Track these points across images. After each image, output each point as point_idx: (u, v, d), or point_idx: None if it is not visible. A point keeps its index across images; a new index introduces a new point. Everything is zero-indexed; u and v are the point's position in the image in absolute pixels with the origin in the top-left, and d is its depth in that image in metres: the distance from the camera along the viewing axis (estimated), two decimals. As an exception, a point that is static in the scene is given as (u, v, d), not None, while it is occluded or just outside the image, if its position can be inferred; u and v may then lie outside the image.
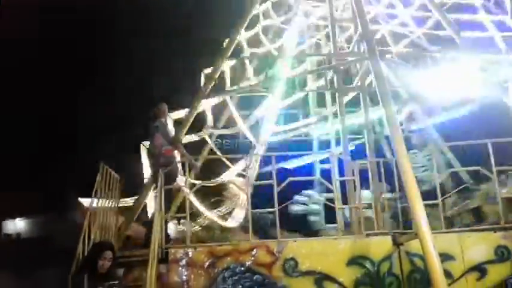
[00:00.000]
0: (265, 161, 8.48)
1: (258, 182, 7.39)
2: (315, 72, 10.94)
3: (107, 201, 7.38)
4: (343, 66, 9.57)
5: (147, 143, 8.38)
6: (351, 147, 9.35)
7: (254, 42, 10.94)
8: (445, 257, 6.83)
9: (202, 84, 9.66)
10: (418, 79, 8.94)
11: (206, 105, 9.74)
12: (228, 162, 9.09)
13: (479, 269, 7.06)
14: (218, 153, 9.71)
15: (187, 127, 9.14)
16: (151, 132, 7.93)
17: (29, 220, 13.20)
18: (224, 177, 8.87)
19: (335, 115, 10.03)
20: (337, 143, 9.75)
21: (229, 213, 8.91)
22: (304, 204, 10.34)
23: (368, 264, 6.99)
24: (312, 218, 10.43)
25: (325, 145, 11.26)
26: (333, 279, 6.91)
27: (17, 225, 13.41)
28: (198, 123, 9.64)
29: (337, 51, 9.74)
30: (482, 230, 7.39)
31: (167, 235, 7.34)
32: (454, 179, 8.83)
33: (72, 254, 6.24)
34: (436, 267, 5.91)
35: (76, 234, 6.49)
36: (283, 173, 8.10)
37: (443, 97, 8.31)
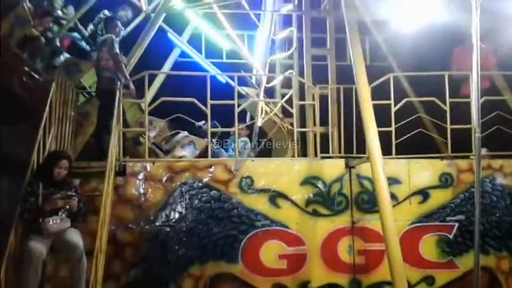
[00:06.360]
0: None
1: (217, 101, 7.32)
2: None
3: (63, 111, 7.20)
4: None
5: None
6: None
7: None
8: (392, 180, 7.22)
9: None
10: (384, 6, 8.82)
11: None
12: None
13: (423, 193, 7.51)
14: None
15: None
16: (99, 44, 8.07)
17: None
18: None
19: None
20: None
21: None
22: None
23: (320, 184, 7.31)
24: None
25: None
26: (286, 197, 7.21)
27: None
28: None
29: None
30: (430, 157, 7.79)
31: (125, 148, 7.32)
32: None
33: (26, 163, 6.14)
34: (383, 189, 6.24)
35: (30, 145, 6.36)
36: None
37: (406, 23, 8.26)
